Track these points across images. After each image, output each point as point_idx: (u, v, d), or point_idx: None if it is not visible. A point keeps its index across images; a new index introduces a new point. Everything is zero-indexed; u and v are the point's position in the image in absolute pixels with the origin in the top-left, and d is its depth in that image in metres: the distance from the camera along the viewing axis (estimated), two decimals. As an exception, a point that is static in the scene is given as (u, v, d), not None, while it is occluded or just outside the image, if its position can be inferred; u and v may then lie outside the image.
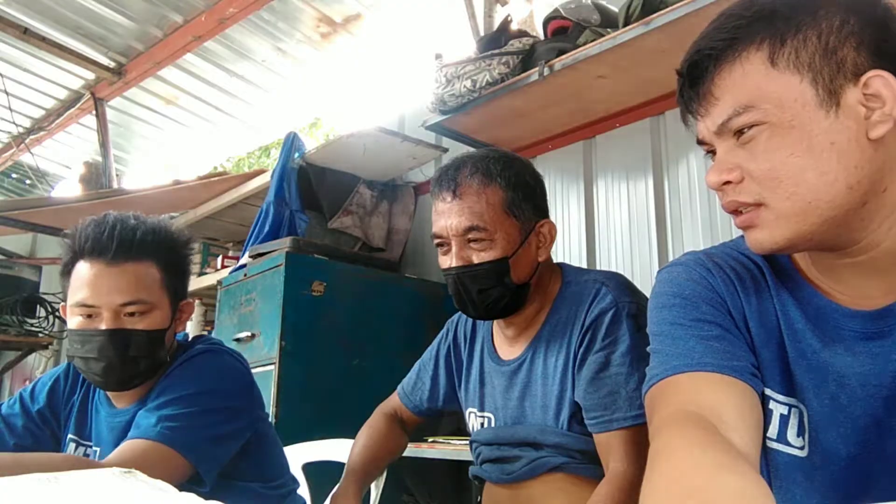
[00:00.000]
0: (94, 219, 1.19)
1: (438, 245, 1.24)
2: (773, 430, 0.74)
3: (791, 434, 0.74)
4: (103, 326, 1.12)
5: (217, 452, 1.13)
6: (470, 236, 1.18)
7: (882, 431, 0.69)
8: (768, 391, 0.74)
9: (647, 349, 0.79)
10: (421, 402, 1.45)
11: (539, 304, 1.26)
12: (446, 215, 1.20)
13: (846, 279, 0.71)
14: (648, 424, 0.71)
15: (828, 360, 0.71)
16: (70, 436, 1.27)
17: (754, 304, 0.76)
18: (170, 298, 1.21)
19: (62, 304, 1.20)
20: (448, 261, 1.21)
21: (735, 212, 0.70)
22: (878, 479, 0.70)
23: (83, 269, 1.15)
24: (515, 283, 1.20)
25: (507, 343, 1.31)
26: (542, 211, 1.26)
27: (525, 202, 1.21)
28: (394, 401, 1.51)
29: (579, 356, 1.16)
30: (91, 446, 1.26)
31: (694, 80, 0.70)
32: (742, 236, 0.78)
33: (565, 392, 1.18)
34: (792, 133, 0.65)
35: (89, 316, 1.13)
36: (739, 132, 0.67)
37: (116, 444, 1.15)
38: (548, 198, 1.31)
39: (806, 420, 0.73)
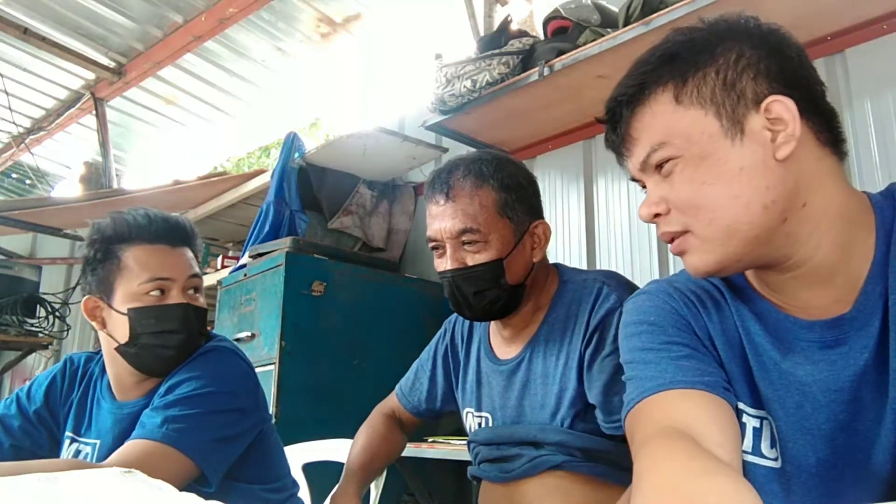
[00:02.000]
0: (130, 211, 1.25)
1: (433, 248, 1.24)
2: (747, 444, 0.76)
3: (765, 446, 0.76)
4: (179, 300, 1.20)
5: (223, 454, 1.13)
6: (464, 238, 1.19)
7: (848, 435, 0.71)
8: (741, 405, 0.77)
9: (625, 377, 0.81)
10: (419, 403, 1.45)
11: (535, 304, 1.27)
12: (440, 218, 1.21)
13: (793, 292, 0.74)
14: (630, 446, 0.72)
15: (789, 371, 0.74)
16: (67, 433, 1.27)
17: (717, 322, 0.80)
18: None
19: (87, 297, 1.22)
20: (443, 263, 1.22)
21: (670, 241, 0.75)
22: (851, 483, 0.71)
23: (144, 251, 1.20)
24: (510, 284, 1.20)
25: (504, 343, 1.31)
26: (536, 212, 1.27)
27: (518, 203, 1.22)
28: (392, 401, 1.51)
29: (587, 357, 1.16)
30: (87, 442, 1.25)
31: (614, 125, 0.77)
32: None
33: (565, 391, 1.18)
34: (703, 163, 0.69)
35: (161, 291, 1.19)
36: (660, 167, 0.72)
37: (121, 438, 1.16)
38: (548, 198, 1.32)
39: (775, 431, 0.75)
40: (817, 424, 0.72)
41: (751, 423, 0.76)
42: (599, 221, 2.40)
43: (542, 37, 2.20)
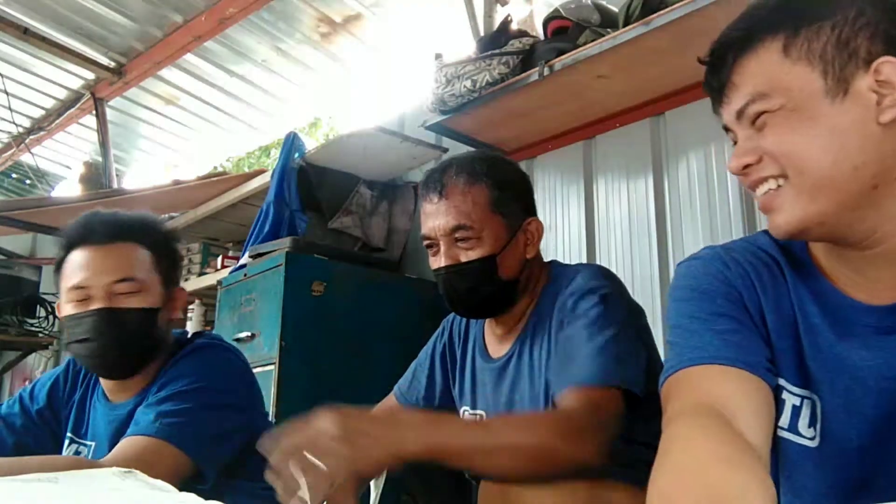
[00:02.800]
0: (82, 215, 1.21)
1: (428, 246, 1.27)
2: (784, 420, 0.76)
3: (802, 424, 0.76)
4: (95, 307, 1.13)
5: (217, 449, 1.13)
6: (457, 235, 1.20)
7: (892, 424, 0.71)
8: (782, 382, 0.76)
9: (668, 339, 0.81)
10: (417, 402, 1.45)
11: (527, 302, 1.28)
12: (433, 216, 1.23)
13: (862, 270, 0.73)
14: (663, 413, 0.72)
15: (843, 354, 0.73)
16: (68, 434, 1.27)
17: (771, 297, 0.78)
18: (162, 281, 1.21)
19: (57, 302, 1.20)
20: (437, 261, 1.24)
21: (756, 187, 0.73)
22: (887, 470, 0.71)
23: (74, 256, 1.16)
24: (504, 281, 1.22)
25: (496, 341, 1.33)
26: (529, 209, 1.29)
27: (511, 201, 1.24)
28: (390, 401, 1.51)
29: (553, 339, 1.18)
30: (85, 443, 1.26)
31: (716, 68, 0.74)
32: (760, 232, 0.83)
33: (552, 385, 1.17)
34: (798, 117, 0.68)
35: (82, 300, 1.14)
36: (755, 119, 0.71)
37: (114, 439, 1.16)
38: (548, 198, 1.33)
39: (819, 411, 0.75)
40: (864, 409, 0.72)
41: (791, 400, 0.76)
42: (599, 221, 2.39)
43: (542, 37, 2.20)
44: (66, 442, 1.27)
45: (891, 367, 0.70)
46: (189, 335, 1.32)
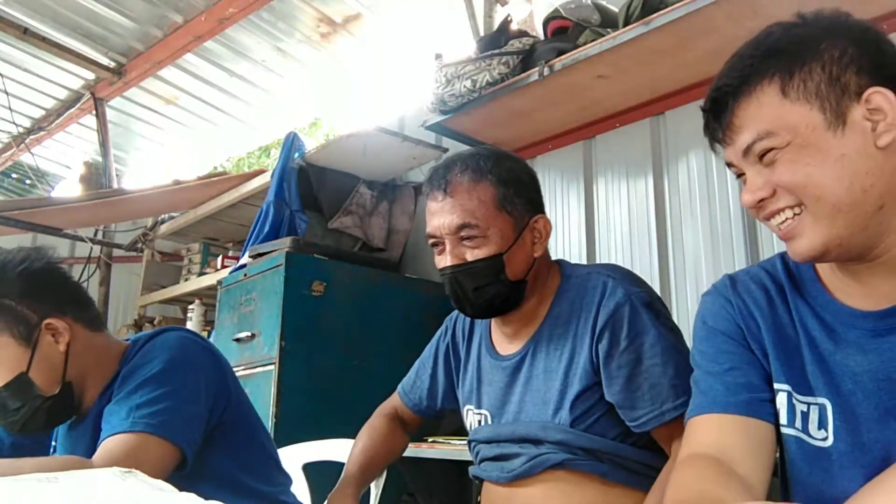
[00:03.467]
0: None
1: (433, 245, 1.24)
2: (798, 423, 0.83)
3: (812, 428, 0.82)
4: None
5: (194, 432, 1.12)
6: (463, 234, 1.18)
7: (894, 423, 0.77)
8: (789, 391, 0.84)
9: (693, 375, 0.92)
10: (420, 400, 1.45)
11: (538, 300, 1.26)
12: (439, 214, 1.20)
13: (863, 280, 0.80)
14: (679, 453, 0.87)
15: (842, 361, 0.80)
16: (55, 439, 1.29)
17: (770, 321, 0.87)
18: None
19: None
20: (443, 260, 1.21)
21: (771, 217, 0.79)
22: None
23: None
24: (511, 280, 1.19)
25: (505, 339, 1.30)
26: (536, 206, 1.26)
27: (518, 197, 1.21)
28: (394, 400, 1.50)
29: (601, 355, 1.14)
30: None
31: (717, 114, 0.81)
32: (776, 256, 0.92)
33: (569, 388, 1.17)
34: (806, 150, 0.74)
35: None
36: (762, 155, 0.77)
37: (82, 441, 1.16)
38: (548, 198, 1.32)
39: (829, 414, 0.81)
40: (868, 410, 0.77)
41: (799, 406, 0.83)
42: (599, 221, 2.40)
43: (542, 37, 2.20)
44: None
45: (885, 369, 0.76)
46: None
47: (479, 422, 1.32)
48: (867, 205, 0.73)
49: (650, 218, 2.25)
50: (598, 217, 2.40)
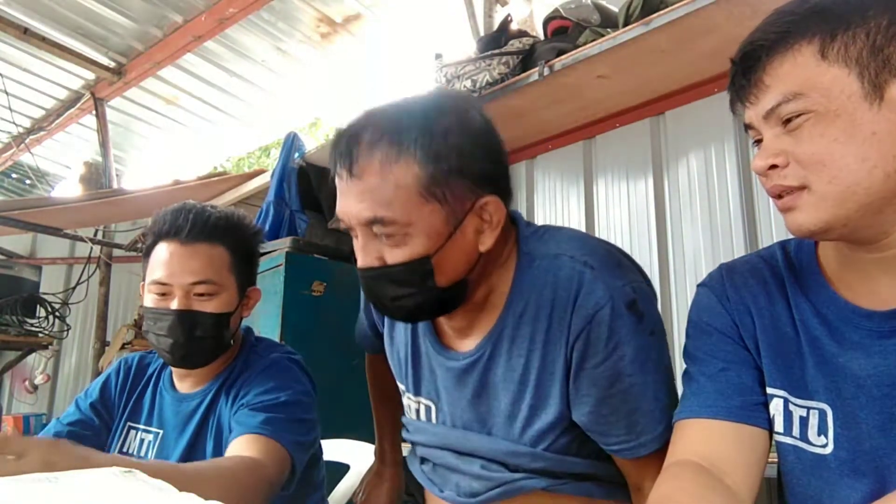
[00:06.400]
0: (174, 206, 1.27)
1: (347, 229, 0.94)
2: (796, 431, 0.79)
3: (812, 434, 0.78)
4: (174, 307, 1.19)
5: (303, 457, 1.19)
6: (375, 230, 0.88)
7: None
8: (785, 396, 0.80)
9: (684, 370, 0.87)
10: (374, 347, 1.34)
11: (489, 287, 0.99)
12: (344, 196, 0.90)
13: (869, 275, 0.75)
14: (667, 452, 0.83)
15: (845, 364, 0.75)
16: (129, 424, 1.32)
17: (767, 319, 0.83)
18: (237, 282, 1.25)
19: (141, 284, 1.25)
20: (358, 255, 0.93)
21: (777, 196, 0.74)
22: None
23: (160, 249, 1.22)
24: (443, 286, 0.91)
25: (454, 334, 1.05)
26: (488, 181, 0.91)
27: (456, 176, 0.88)
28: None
29: (574, 365, 0.93)
30: (150, 430, 1.31)
31: (747, 69, 0.75)
32: (776, 245, 0.87)
33: (544, 402, 0.96)
34: (836, 121, 0.69)
35: (163, 294, 1.20)
36: (787, 120, 0.72)
37: (181, 428, 1.25)
38: (548, 198, 1.30)
39: (830, 420, 0.77)
40: (871, 416, 0.73)
41: (797, 412, 0.79)
42: (599, 221, 2.40)
43: (542, 37, 2.21)
44: (128, 430, 1.32)
45: (890, 374, 0.72)
46: (250, 332, 1.38)
47: (419, 413, 1.12)
48: (886, 189, 0.68)
49: (650, 218, 2.25)
50: (598, 217, 2.40)
